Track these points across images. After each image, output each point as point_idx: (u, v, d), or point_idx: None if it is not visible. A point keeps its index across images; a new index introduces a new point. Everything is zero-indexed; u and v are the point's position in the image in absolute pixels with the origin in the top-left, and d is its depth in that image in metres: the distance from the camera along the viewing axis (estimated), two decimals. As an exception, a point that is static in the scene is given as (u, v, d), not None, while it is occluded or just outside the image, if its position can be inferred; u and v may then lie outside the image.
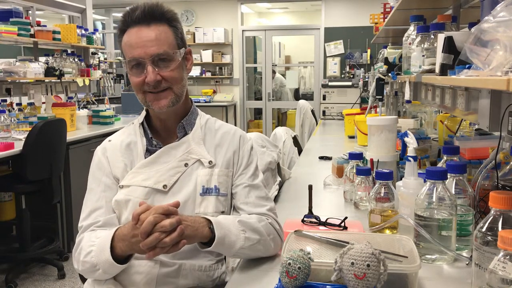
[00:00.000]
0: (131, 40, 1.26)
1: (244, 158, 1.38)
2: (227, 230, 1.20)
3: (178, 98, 1.30)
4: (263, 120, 8.45)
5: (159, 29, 1.26)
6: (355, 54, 7.71)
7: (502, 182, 1.15)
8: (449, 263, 1.20)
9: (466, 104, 1.34)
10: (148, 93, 1.28)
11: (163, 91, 1.27)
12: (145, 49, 1.23)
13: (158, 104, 1.28)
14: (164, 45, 1.26)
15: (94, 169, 1.37)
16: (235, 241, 1.21)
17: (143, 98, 1.29)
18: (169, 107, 1.29)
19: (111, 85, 7.58)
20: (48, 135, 3.26)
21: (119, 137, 1.39)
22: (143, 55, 1.24)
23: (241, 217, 1.27)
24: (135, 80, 1.27)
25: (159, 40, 1.25)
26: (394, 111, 3.42)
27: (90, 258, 1.20)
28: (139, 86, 1.27)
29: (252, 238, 1.23)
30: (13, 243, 3.65)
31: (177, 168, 1.31)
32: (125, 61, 1.30)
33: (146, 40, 1.24)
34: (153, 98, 1.28)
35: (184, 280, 1.26)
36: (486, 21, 0.87)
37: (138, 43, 1.24)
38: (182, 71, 1.31)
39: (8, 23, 3.72)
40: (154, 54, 1.24)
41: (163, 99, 1.27)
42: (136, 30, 1.26)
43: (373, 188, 1.45)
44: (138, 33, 1.25)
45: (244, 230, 1.23)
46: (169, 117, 1.36)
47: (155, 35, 1.25)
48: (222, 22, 8.16)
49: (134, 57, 1.25)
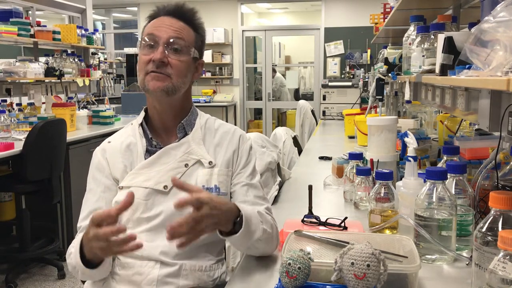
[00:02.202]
0: (155, 22, 1.32)
1: (243, 157, 1.38)
2: (249, 219, 1.19)
3: (174, 90, 1.29)
4: (263, 120, 8.45)
5: (185, 26, 1.32)
6: (355, 54, 7.71)
7: (502, 182, 1.15)
8: (449, 263, 1.20)
9: (466, 104, 1.34)
10: (149, 74, 1.28)
11: (163, 75, 1.27)
12: (165, 30, 1.28)
13: (155, 84, 1.27)
14: (184, 35, 1.30)
15: (94, 170, 1.37)
16: (254, 231, 1.20)
17: (142, 79, 1.29)
18: (163, 92, 1.28)
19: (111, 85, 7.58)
20: (48, 135, 3.26)
21: (118, 138, 1.39)
22: (161, 35, 1.28)
23: (258, 208, 1.27)
24: (143, 57, 1.28)
25: (181, 31, 1.30)
26: (394, 111, 3.42)
27: (70, 260, 1.23)
28: (144, 64, 1.28)
29: (268, 231, 1.24)
30: (13, 243, 3.65)
31: (177, 169, 1.31)
32: (139, 43, 1.32)
33: (169, 25, 1.30)
34: (152, 77, 1.28)
35: (184, 281, 1.26)
36: (486, 21, 0.87)
37: (161, 25, 1.30)
38: (188, 70, 1.33)
39: (8, 23, 3.72)
40: (171, 37, 1.27)
41: (159, 81, 1.27)
42: (164, 18, 1.32)
43: (373, 188, 1.45)
44: (164, 19, 1.31)
45: (262, 221, 1.23)
46: (167, 113, 1.35)
47: (179, 26, 1.31)
48: (222, 22, 8.16)
49: (151, 33, 1.28)
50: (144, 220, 1.29)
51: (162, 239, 1.26)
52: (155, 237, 1.27)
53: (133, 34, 10.46)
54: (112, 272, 1.29)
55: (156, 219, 1.28)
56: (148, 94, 1.32)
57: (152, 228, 1.28)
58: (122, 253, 1.08)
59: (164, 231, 1.27)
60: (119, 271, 1.27)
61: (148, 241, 1.27)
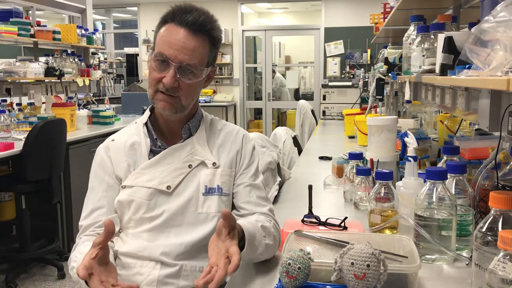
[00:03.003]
0: (170, 37, 1.23)
1: (246, 158, 1.38)
2: (253, 238, 1.18)
3: (183, 109, 1.30)
4: (263, 120, 8.45)
5: (200, 41, 1.25)
6: (355, 54, 7.71)
7: (502, 182, 1.15)
8: (449, 263, 1.20)
9: (466, 104, 1.34)
10: (158, 93, 1.27)
11: (173, 97, 1.26)
12: (178, 53, 1.22)
13: (164, 106, 1.27)
14: (197, 58, 1.24)
15: (96, 168, 1.36)
16: (257, 246, 1.20)
17: (152, 95, 1.28)
18: (171, 113, 1.28)
19: (111, 85, 7.58)
20: (48, 135, 3.26)
21: (122, 137, 1.38)
22: (173, 58, 1.22)
23: (262, 222, 1.26)
24: (154, 75, 1.26)
25: (195, 52, 1.24)
26: (394, 111, 3.42)
27: (73, 274, 1.19)
28: (155, 82, 1.26)
29: (270, 244, 1.24)
30: (13, 243, 3.65)
31: (181, 170, 1.31)
32: (152, 50, 1.28)
33: (183, 46, 1.22)
34: (161, 99, 1.27)
35: (185, 281, 1.26)
36: (486, 21, 0.87)
37: (175, 44, 1.22)
38: (199, 87, 1.32)
39: (8, 23, 3.72)
40: (184, 63, 1.23)
41: (168, 103, 1.27)
42: (179, 31, 1.23)
43: (373, 188, 1.45)
44: (179, 35, 1.23)
45: (265, 236, 1.23)
46: (175, 119, 1.35)
47: (193, 46, 1.23)
48: (222, 22, 7.91)
49: (164, 54, 1.23)
50: (146, 220, 1.29)
51: (163, 239, 1.27)
52: (157, 237, 1.27)
53: (133, 34, 10.45)
54: (112, 272, 1.29)
55: (158, 219, 1.28)
56: None
57: (154, 228, 1.28)
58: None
59: (165, 231, 1.28)
60: (120, 271, 1.27)
61: (149, 241, 1.27)
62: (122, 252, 1.28)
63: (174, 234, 1.28)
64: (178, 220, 1.28)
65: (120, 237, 1.31)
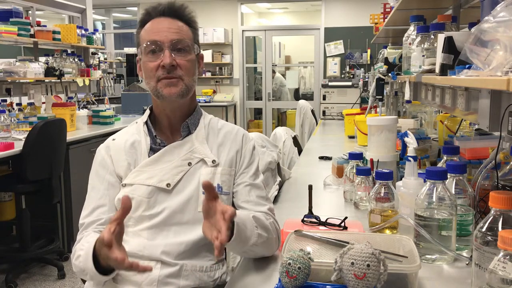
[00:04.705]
0: (153, 26, 1.30)
1: (246, 157, 1.38)
2: (243, 226, 1.18)
3: (188, 90, 1.31)
4: (263, 120, 8.45)
5: (180, 24, 1.31)
6: (355, 54, 7.71)
7: (502, 182, 1.15)
8: (449, 263, 1.20)
9: (466, 104, 1.35)
10: (160, 81, 1.28)
11: (175, 78, 1.28)
12: (166, 34, 1.27)
13: (170, 90, 1.28)
14: (185, 34, 1.31)
15: (97, 167, 1.36)
16: (249, 236, 1.19)
17: (154, 86, 1.29)
18: (178, 96, 1.29)
19: (111, 85, 7.58)
20: (48, 135, 3.26)
21: (123, 136, 1.39)
22: (163, 39, 1.27)
23: (254, 213, 1.27)
24: (151, 64, 1.28)
25: (180, 30, 1.30)
26: (394, 111, 3.42)
27: (78, 263, 1.20)
28: (153, 71, 1.28)
29: (263, 236, 1.24)
30: (13, 243, 3.66)
31: (180, 167, 1.31)
32: (140, 49, 1.31)
33: (168, 27, 1.29)
34: (165, 84, 1.28)
35: (185, 281, 1.26)
36: (486, 21, 0.87)
37: (160, 29, 1.28)
38: (195, 67, 1.34)
39: (8, 23, 3.72)
40: (174, 40, 1.27)
41: (174, 86, 1.28)
42: (159, 20, 1.31)
43: (373, 188, 1.45)
44: (161, 22, 1.30)
45: (257, 226, 1.23)
46: (175, 114, 1.36)
47: (177, 26, 1.30)
48: (222, 22, 8.16)
49: (154, 40, 1.27)
50: (146, 218, 1.29)
51: (163, 238, 1.27)
52: (157, 236, 1.28)
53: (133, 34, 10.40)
54: (113, 272, 1.29)
55: (158, 216, 1.28)
56: (162, 100, 1.31)
57: (154, 226, 1.28)
58: None
59: (165, 229, 1.28)
60: (120, 271, 1.27)
61: (149, 239, 1.27)
62: (122, 251, 1.28)
63: (174, 233, 1.28)
64: (178, 219, 1.28)
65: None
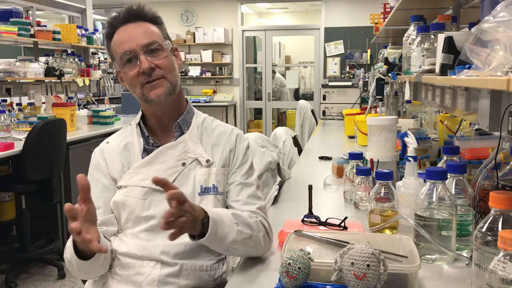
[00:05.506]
0: (120, 37, 1.30)
1: (239, 157, 1.38)
2: (220, 222, 1.18)
3: (174, 87, 1.31)
4: (263, 120, 8.45)
5: (145, 25, 1.31)
6: (355, 54, 7.71)
7: (502, 182, 1.15)
8: (449, 263, 1.20)
9: (466, 104, 1.34)
10: (144, 86, 1.28)
11: (158, 79, 1.28)
12: (136, 41, 1.27)
13: (156, 92, 1.28)
14: (153, 36, 1.30)
15: (92, 170, 1.38)
16: (228, 233, 1.19)
17: (140, 92, 1.29)
18: (166, 96, 1.29)
19: (111, 85, 7.57)
20: (48, 135, 3.26)
21: (116, 139, 1.40)
22: (135, 46, 1.27)
23: (234, 210, 1.28)
24: (130, 74, 1.28)
25: (147, 32, 1.30)
26: (394, 111, 3.42)
27: (66, 255, 1.23)
28: (135, 79, 1.28)
29: (245, 232, 1.23)
30: (13, 243, 3.65)
31: (174, 168, 1.32)
32: (115, 62, 1.31)
33: (135, 34, 1.28)
34: (149, 88, 1.28)
35: (185, 280, 1.26)
36: (486, 21, 0.87)
37: (128, 38, 1.28)
38: (173, 62, 1.34)
39: (8, 23, 3.72)
40: (145, 44, 1.27)
41: (159, 87, 1.28)
42: (124, 28, 1.30)
43: (373, 188, 1.45)
44: (126, 30, 1.30)
45: (237, 223, 1.23)
46: (165, 114, 1.36)
47: (143, 29, 1.30)
48: (222, 22, 8.16)
49: (126, 50, 1.27)
50: (143, 219, 1.29)
51: (162, 239, 1.27)
52: (155, 236, 1.28)
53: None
54: (113, 272, 1.29)
55: (155, 218, 1.28)
56: (151, 104, 1.31)
57: (151, 227, 1.28)
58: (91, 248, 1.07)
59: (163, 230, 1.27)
60: (120, 271, 1.27)
61: (148, 240, 1.27)
62: (121, 252, 1.28)
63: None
64: None
65: (119, 237, 1.32)
